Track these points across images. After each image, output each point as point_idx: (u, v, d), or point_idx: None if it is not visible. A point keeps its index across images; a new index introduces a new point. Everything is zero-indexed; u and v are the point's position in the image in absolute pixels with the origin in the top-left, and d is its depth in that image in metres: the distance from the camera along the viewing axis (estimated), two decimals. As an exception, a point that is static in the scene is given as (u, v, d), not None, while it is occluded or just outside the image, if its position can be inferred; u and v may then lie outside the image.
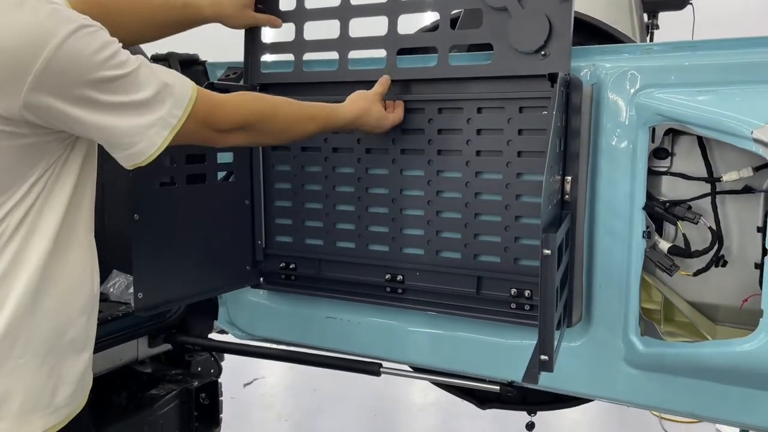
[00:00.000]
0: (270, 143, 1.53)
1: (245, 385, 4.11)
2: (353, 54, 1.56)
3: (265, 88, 1.67)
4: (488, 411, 1.97)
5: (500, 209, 1.42)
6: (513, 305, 1.43)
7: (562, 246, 1.22)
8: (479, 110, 1.44)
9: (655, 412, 3.61)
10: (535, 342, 1.12)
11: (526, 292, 1.41)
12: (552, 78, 1.28)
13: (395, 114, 1.48)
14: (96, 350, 1.73)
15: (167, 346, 1.96)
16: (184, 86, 1.05)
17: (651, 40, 3.23)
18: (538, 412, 1.88)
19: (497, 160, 1.42)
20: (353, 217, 1.61)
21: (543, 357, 1.10)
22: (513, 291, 1.42)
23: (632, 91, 1.30)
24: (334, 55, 1.57)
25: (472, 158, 1.45)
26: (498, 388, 1.58)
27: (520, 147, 1.39)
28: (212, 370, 2.08)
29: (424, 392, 3.93)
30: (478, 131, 1.44)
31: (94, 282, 1.16)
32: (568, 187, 1.34)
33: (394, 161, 1.54)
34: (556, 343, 1.18)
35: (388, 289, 1.58)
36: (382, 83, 1.46)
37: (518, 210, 1.40)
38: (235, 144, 1.20)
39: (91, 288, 1.14)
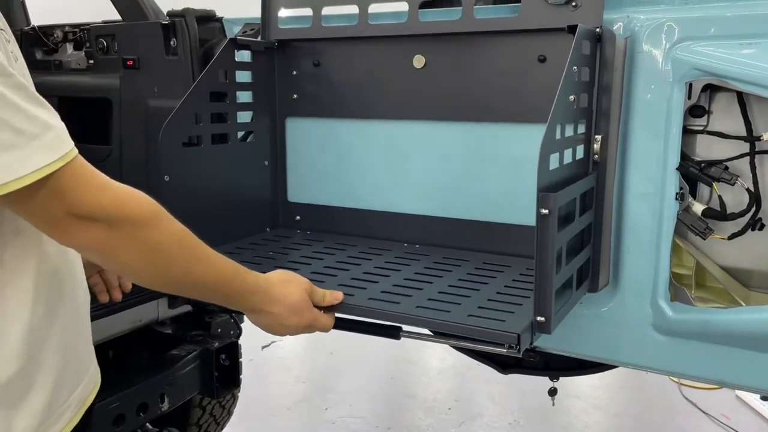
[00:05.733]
0: (133, 263, 0.94)
1: (263, 347, 4.16)
2: (374, 8, 1.50)
3: (284, 44, 1.63)
4: (506, 376, 1.96)
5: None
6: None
7: (575, 206, 1.17)
8: (505, 65, 1.38)
9: (674, 378, 3.59)
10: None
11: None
12: (571, 30, 1.21)
13: (324, 319, 1.16)
14: (116, 311, 1.75)
15: (187, 307, 1.96)
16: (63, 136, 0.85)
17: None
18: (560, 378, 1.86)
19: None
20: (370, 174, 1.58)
21: (539, 318, 1.06)
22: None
23: (668, 44, 1.23)
24: (353, 9, 1.51)
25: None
26: (521, 354, 1.55)
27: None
28: (232, 332, 2.08)
29: (441, 357, 3.94)
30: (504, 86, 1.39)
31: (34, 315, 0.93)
32: (597, 146, 1.28)
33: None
34: (564, 305, 1.15)
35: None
36: (330, 299, 1.16)
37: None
38: (83, 243, 0.90)
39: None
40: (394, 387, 3.67)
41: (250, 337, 2.95)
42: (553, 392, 1.83)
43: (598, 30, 1.23)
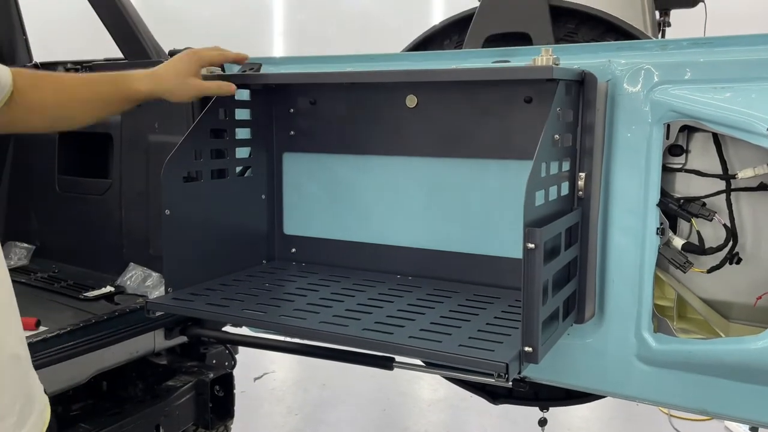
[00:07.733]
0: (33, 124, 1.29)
1: (255, 379, 4.14)
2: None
3: (281, 83, 1.69)
4: (497, 407, 1.98)
5: None
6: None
7: (561, 240, 1.22)
8: (493, 105, 1.45)
9: (664, 409, 3.60)
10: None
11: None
12: (552, 79, 1.28)
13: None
14: (113, 342, 1.77)
15: (183, 339, 1.98)
16: None
17: (663, 37, 3.22)
18: (550, 409, 1.89)
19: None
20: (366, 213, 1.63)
21: (527, 348, 1.11)
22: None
23: (647, 87, 1.30)
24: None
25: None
26: (510, 383, 1.58)
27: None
28: (227, 363, 2.10)
29: (433, 388, 3.94)
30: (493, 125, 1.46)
31: None
32: (581, 183, 1.34)
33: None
34: (551, 336, 1.19)
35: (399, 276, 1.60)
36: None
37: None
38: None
39: None
40: (387, 419, 3.66)
41: (243, 368, 2.95)
42: (543, 423, 1.86)
43: (580, 73, 1.30)
